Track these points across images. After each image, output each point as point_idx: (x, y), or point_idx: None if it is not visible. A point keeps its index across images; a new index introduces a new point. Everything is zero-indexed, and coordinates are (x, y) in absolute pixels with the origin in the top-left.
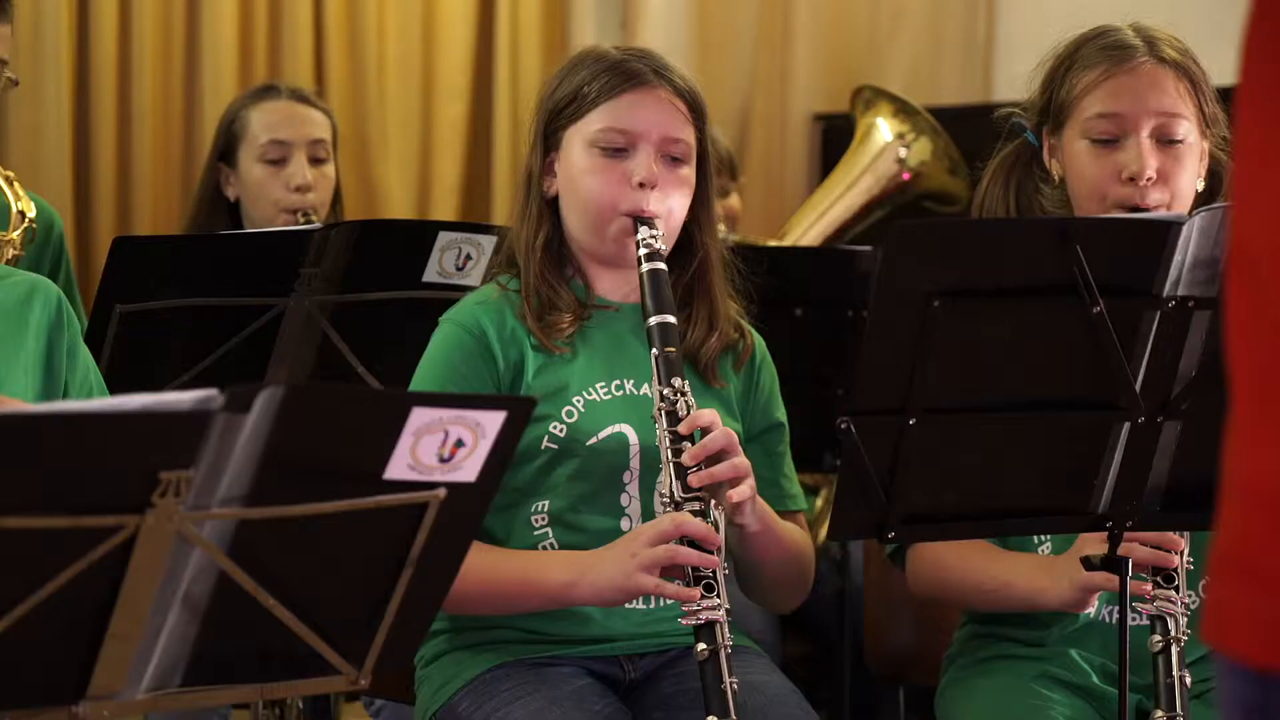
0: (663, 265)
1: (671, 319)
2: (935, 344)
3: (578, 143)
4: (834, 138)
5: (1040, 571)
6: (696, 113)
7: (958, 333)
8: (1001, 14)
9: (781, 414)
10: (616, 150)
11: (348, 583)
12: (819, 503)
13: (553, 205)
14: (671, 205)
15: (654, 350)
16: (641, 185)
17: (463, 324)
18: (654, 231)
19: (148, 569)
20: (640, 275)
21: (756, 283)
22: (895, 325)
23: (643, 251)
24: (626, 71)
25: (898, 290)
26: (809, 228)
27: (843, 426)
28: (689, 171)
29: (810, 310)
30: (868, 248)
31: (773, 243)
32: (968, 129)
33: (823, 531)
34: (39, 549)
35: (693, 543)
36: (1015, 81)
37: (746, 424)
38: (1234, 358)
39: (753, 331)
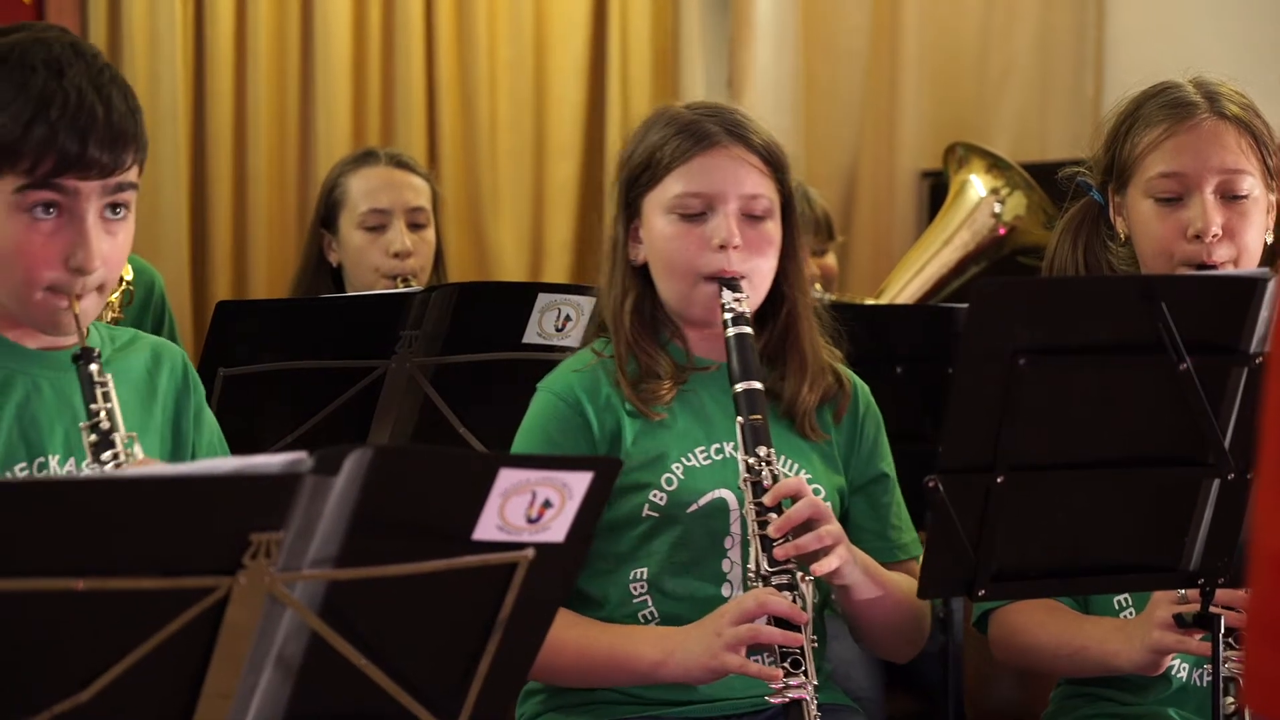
0: (748, 329)
1: (758, 385)
2: (1021, 402)
3: (657, 209)
4: (941, 194)
5: (1114, 634)
6: (775, 166)
7: (1044, 390)
8: (1110, 67)
9: (887, 463)
10: (695, 214)
11: (439, 643)
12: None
13: (642, 270)
14: (756, 263)
15: (740, 418)
16: (722, 247)
17: (558, 393)
18: (738, 295)
19: (241, 630)
20: (726, 340)
21: (855, 342)
22: (981, 383)
23: (727, 315)
24: (699, 133)
25: (983, 348)
26: (906, 285)
27: (930, 485)
28: (772, 226)
29: (910, 368)
30: (965, 305)
31: (870, 300)
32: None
33: None
34: (135, 610)
35: (780, 619)
36: None
37: (850, 476)
38: (1266, 430)
39: (853, 379)
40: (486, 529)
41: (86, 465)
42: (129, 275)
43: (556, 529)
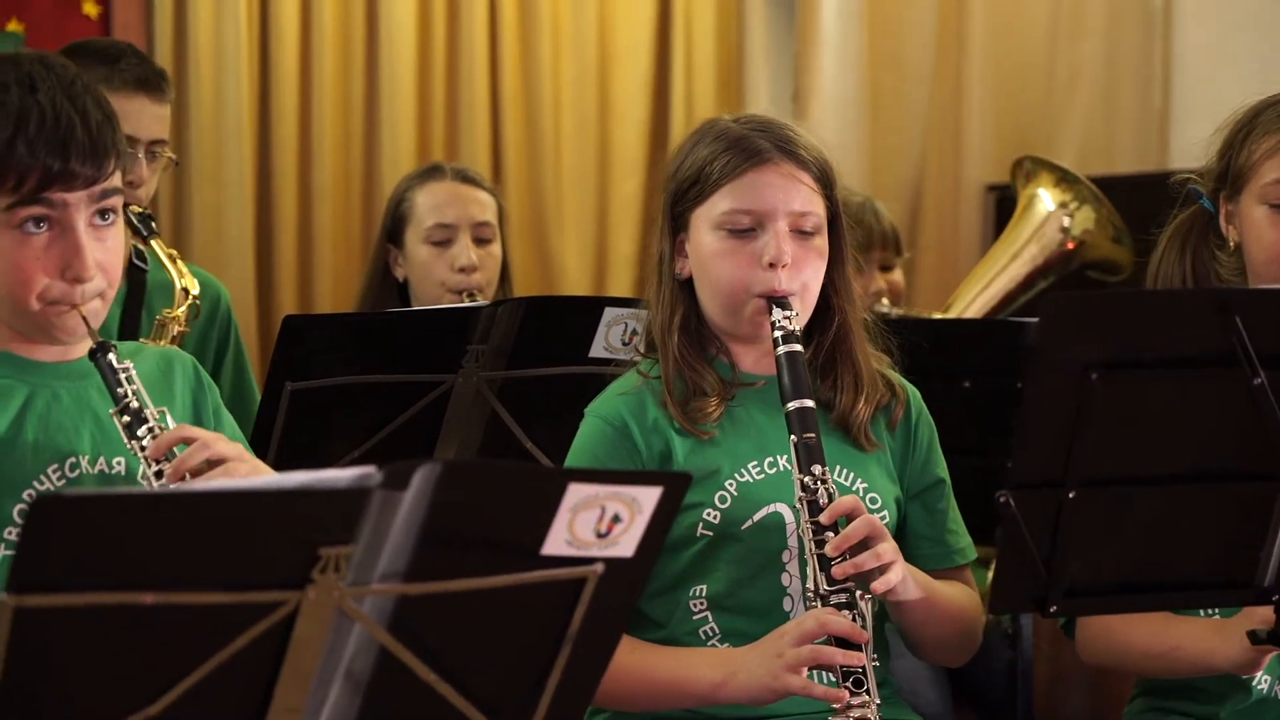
0: (799, 347)
1: (810, 403)
2: (1093, 416)
3: (705, 225)
4: (1007, 208)
5: (1210, 633)
6: (824, 181)
7: (1116, 405)
8: (1177, 81)
9: (942, 469)
10: (744, 230)
11: (508, 658)
12: (989, 576)
13: (687, 286)
14: (806, 279)
15: (793, 437)
16: (772, 265)
17: (604, 417)
18: (788, 313)
19: (310, 644)
20: (777, 358)
21: (922, 357)
22: (1052, 398)
23: (778, 334)
24: (749, 149)
25: (1053, 363)
26: (973, 299)
27: (1002, 500)
28: (821, 241)
29: (978, 382)
30: (1035, 319)
31: (937, 315)
32: (1145, 197)
33: None
34: (204, 625)
35: (841, 638)
36: (1192, 148)
37: (906, 483)
38: None
39: (905, 385)
40: (555, 544)
41: (127, 448)
42: (195, 290)
43: (625, 544)
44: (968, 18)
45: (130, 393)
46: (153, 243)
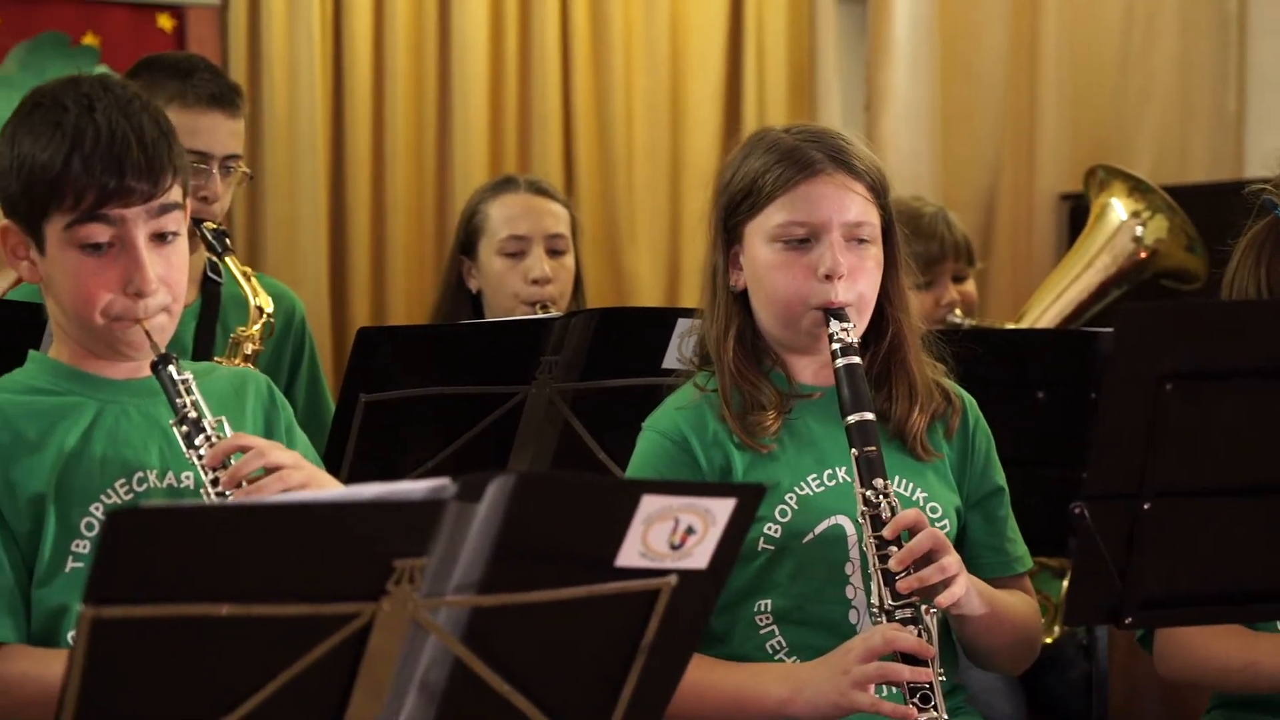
0: (857, 359)
1: (870, 416)
2: (1168, 427)
3: (759, 237)
4: (1081, 217)
5: None
6: (877, 190)
7: (1191, 415)
8: (1253, 88)
9: (1000, 477)
10: (799, 242)
11: (582, 670)
12: (1064, 587)
13: (742, 298)
14: (861, 290)
15: (854, 450)
16: (828, 277)
17: (664, 432)
18: (845, 324)
19: (384, 656)
20: (835, 371)
21: (995, 367)
22: (1127, 409)
23: (836, 346)
24: (802, 160)
25: (1129, 374)
26: (1046, 309)
27: (1076, 511)
28: (876, 251)
29: (1052, 393)
30: (1109, 329)
31: (1010, 325)
32: (1219, 205)
33: None
34: (279, 636)
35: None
36: (1268, 157)
37: (965, 492)
38: None
39: (961, 394)
40: (629, 555)
41: (185, 456)
42: (269, 308)
43: (699, 555)
44: (1040, 26)
45: (189, 403)
46: (227, 259)
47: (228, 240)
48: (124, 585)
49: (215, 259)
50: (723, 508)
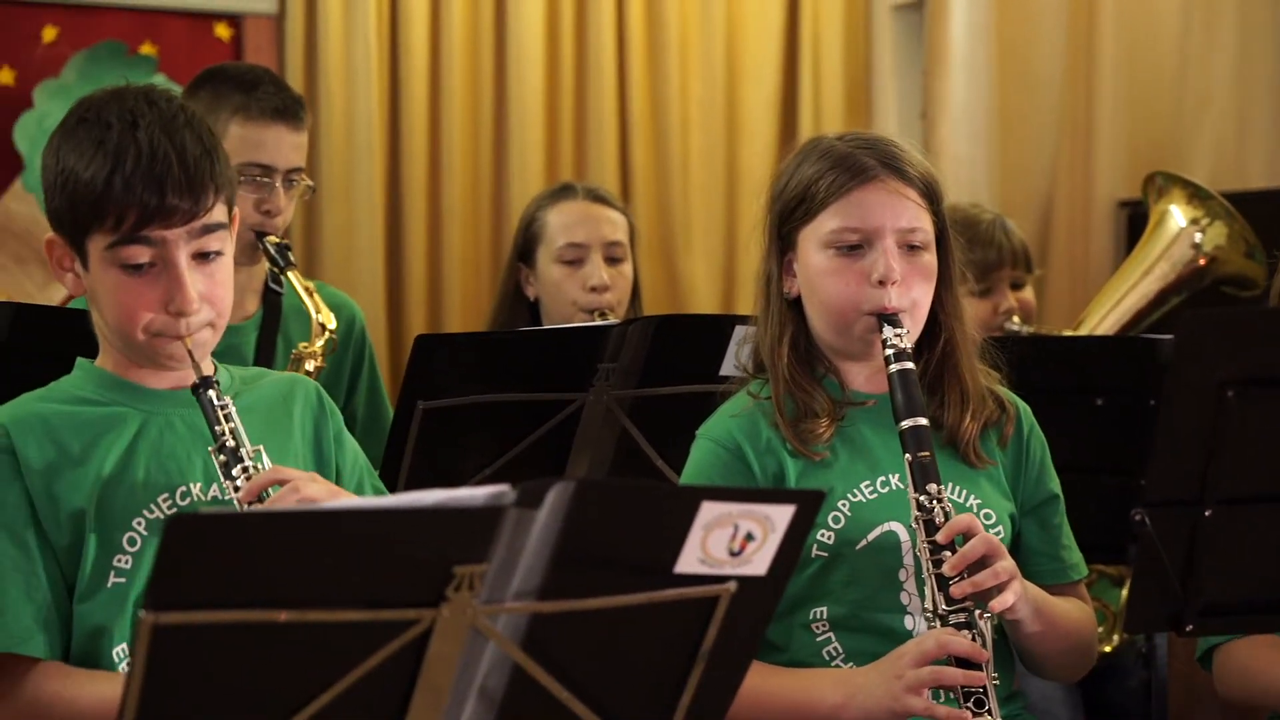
0: (911, 365)
1: (924, 421)
2: (1230, 434)
3: (812, 243)
4: (1139, 224)
5: None
6: (931, 197)
7: (1254, 422)
8: None
9: (1055, 484)
10: (853, 248)
11: (640, 676)
12: (1123, 594)
13: (795, 305)
14: (915, 296)
15: (907, 455)
16: (881, 283)
17: (717, 439)
18: (899, 330)
19: (444, 662)
20: (889, 376)
21: (1054, 374)
22: (1188, 416)
23: (889, 351)
24: (855, 166)
25: (1190, 381)
26: (1104, 316)
27: (1137, 518)
28: (930, 258)
29: (1111, 400)
30: (1168, 336)
31: (1068, 332)
32: (1277, 212)
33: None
34: (338, 642)
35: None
36: None
37: (1020, 499)
38: None
39: (1015, 401)
40: (689, 562)
41: (223, 485)
42: (332, 325)
43: (759, 562)
44: (1098, 32)
45: (227, 430)
46: (290, 274)
47: (290, 255)
48: (183, 591)
49: (277, 271)
50: (782, 514)
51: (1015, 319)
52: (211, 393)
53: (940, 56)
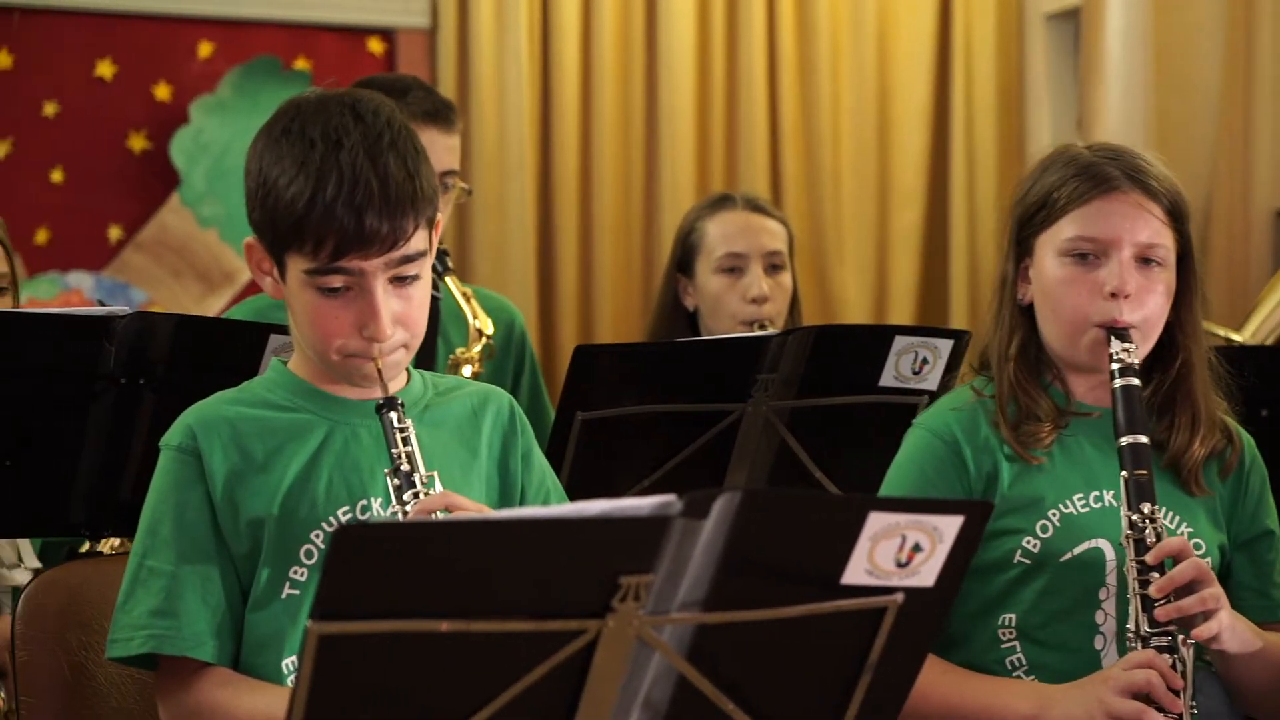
0: (1136, 381)
1: (1144, 439)
2: None
3: (1049, 250)
4: None
5: None
6: (1175, 214)
7: None
8: None
9: (1273, 520)
10: (1088, 258)
11: (806, 688)
12: None
13: (1028, 311)
14: (1148, 312)
15: (1124, 473)
16: (1114, 295)
17: (935, 430)
18: (1127, 345)
19: (609, 672)
20: (1113, 391)
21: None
22: None
23: (1115, 366)
24: (1097, 176)
25: None
26: (1262, 324)
27: None
28: (1168, 275)
29: (1276, 411)
30: None
31: (1237, 339)
32: None
33: None
34: (504, 653)
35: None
36: None
37: (1233, 531)
38: None
39: (1241, 433)
40: (855, 573)
41: (391, 509)
42: (489, 330)
43: (926, 573)
44: (1256, 38)
45: (404, 455)
46: (448, 280)
47: (448, 260)
48: (350, 602)
49: (435, 277)
50: (950, 525)
51: None
52: (394, 414)
53: (1096, 65)
